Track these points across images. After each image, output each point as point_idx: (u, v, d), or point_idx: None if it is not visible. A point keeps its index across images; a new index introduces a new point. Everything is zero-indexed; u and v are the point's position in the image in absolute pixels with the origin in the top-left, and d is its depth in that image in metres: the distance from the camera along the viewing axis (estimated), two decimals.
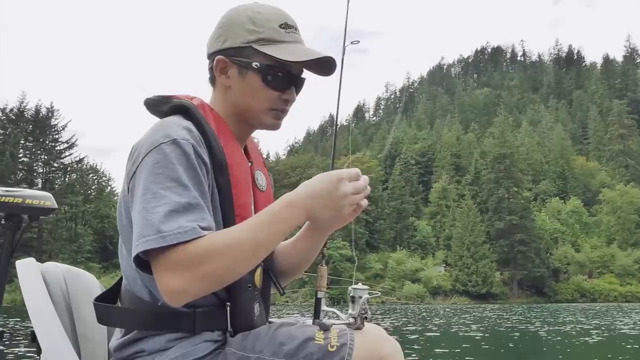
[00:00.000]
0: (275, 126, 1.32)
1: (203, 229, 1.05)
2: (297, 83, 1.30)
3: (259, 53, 1.23)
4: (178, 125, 1.15)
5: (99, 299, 1.24)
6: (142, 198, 1.06)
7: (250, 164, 1.34)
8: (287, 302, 46.92)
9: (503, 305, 48.60)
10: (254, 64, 1.23)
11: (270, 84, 1.25)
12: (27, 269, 1.34)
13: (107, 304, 1.23)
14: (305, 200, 1.12)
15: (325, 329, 1.19)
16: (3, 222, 1.46)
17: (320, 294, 1.34)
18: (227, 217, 1.18)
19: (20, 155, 52.82)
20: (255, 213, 1.30)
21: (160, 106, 1.26)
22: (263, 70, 1.24)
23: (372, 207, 66.04)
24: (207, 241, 1.04)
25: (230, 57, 1.25)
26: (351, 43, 1.47)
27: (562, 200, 77.66)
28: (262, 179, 1.37)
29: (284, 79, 1.26)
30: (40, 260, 1.43)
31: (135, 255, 1.04)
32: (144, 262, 1.06)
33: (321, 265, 1.40)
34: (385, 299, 53.04)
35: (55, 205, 1.52)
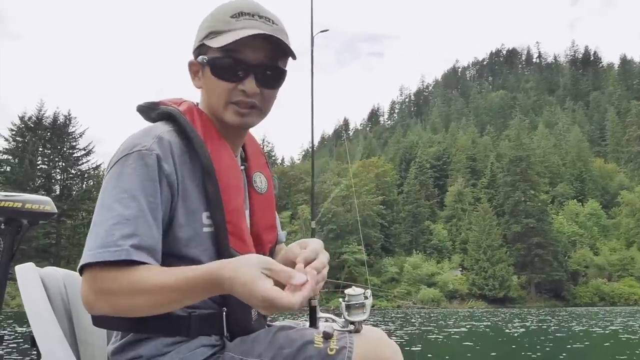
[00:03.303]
0: (241, 123, 1.23)
1: (138, 247, 1.03)
2: (257, 71, 1.19)
3: (209, 47, 1.19)
4: (152, 134, 1.14)
5: None
6: (96, 208, 1.08)
7: (243, 167, 1.31)
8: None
9: (521, 309, 48.10)
10: (204, 59, 1.20)
11: (220, 76, 1.19)
12: (26, 273, 1.33)
13: None
14: (226, 288, 0.99)
15: (328, 337, 1.16)
16: (3, 226, 1.45)
17: (314, 302, 1.32)
18: (218, 223, 1.15)
19: (39, 162, 53.62)
20: (251, 216, 1.29)
21: (149, 112, 1.25)
22: (211, 63, 1.19)
23: (388, 210, 65.86)
24: (126, 274, 1.02)
25: (196, 59, 1.24)
26: (320, 32, 1.42)
27: (580, 203, 76.76)
28: (261, 181, 1.34)
29: (234, 68, 1.18)
30: (59, 267, 1.43)
31: (80, 267, 1.05)
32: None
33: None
34: (401, 303, 52.79)
35: (55, 210, 1.51)
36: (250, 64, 1.18)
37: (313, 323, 1.28)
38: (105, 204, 1.07)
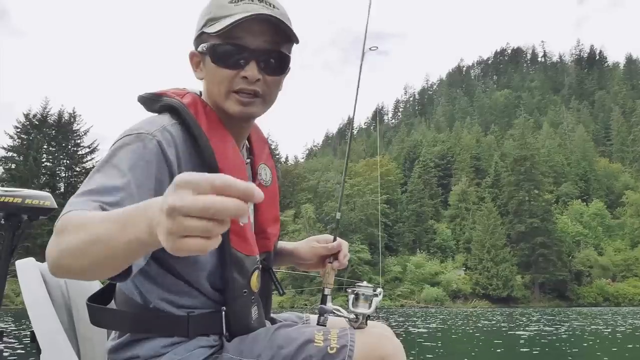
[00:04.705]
0: (243, 113, 1.17)
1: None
2: (258, 57, 1.14)
3: (208, 35, 1.15)
4: (156, 123, 1.11)
5: (92, 299, 1.21)
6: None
7: (249, 160, 1.30)
8: (306, 304, 46.84)
9: (524, 309, 47.99)
10: (202, 47, 1.16)
11: (220, 63, 1.14)
12: (26, 268, 1.34)
13: (100, 306, 1.19)
14: (150, 216, 0.72)
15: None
16: (3, 222, 1.46)
17: (326, 291, 1.34)
18: None
19: (43, 160, 53.78)
20: (256, 211, 1.28)
21: (152, 104, 1.22)
22: (210, 50, 1.15)
23: (391, 209, 65.82)
24: (74, 214, 0.88)
25: (196, 49, 1.21)
26: (370, 49, 1.45)
27: (585, 203, 76.45)
28: (265, 174, 1.32)
29: (234, 54, 1.13)
30: None
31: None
32: None
33: (329, 262, 1.40)
34: (405, 302, 52.76)
35: (55, 205, 1.52)
36: (251, 49, 1.13)
37: (324, 302, 1.30)
38: (90, 177, 1.00)
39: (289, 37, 1.17)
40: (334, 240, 1.44)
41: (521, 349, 10.62)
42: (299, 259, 1.46)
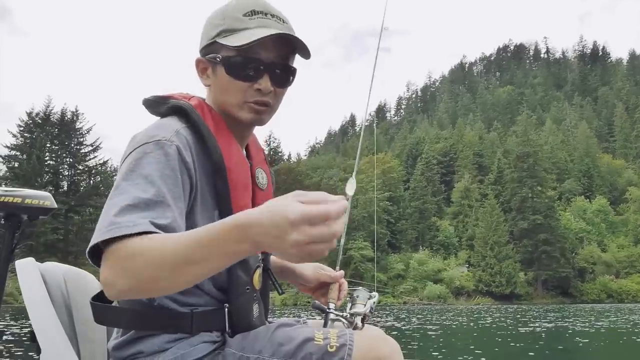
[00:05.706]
0: (256, 121, 1.23)
1: (160, 226, 0.96)
2: (271, 71, 1.20)
3: (222, 46, 1.18)
4: (168, 127, 1.13)
5: (96, 298, 1.21)
6: (111, 193, 1.03)
7: (250, 164, 1.31)
8: (309, 302, 46.83)
9: (527, 306, 47.98)
10: (217, 58, 1.19)
11: (236, 75, 1.18)
12: (26, 269, 1.34)
13: (104, 304, 1.19)
14: (253, 234, 0.85)
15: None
16: (2, 221, 1.46)
17: (331, 306, 1.39)
18: None
19: (47, 158, 54.00)
20: None
21: (158, 107, 1.23)
22: (225, 62, 1.18)
23: (394, 207, 65.82)
24: (144, 239, 0.92)
25: (205, 56, 1.23)
26: (372, 120, 1.48)
27: (588, 199, 76.41)
28: (262, 177, 1.33)
29: (249, 67, 1.18)
30: (66, 262, 1.43)
31: (89, 247, 0.96)
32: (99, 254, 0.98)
33: (330, 289, 1.48)
34: (407, 299, 52.80)
35: (55, 205, 1.51)
36: (266, 63, 1.19)
37: (325, 324, 1.34)
38: (120, 187, 1.02)
39: (295, 49, 1.23)
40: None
41: (524, 346, 10.62)
42: (302, 280, 1.50)
